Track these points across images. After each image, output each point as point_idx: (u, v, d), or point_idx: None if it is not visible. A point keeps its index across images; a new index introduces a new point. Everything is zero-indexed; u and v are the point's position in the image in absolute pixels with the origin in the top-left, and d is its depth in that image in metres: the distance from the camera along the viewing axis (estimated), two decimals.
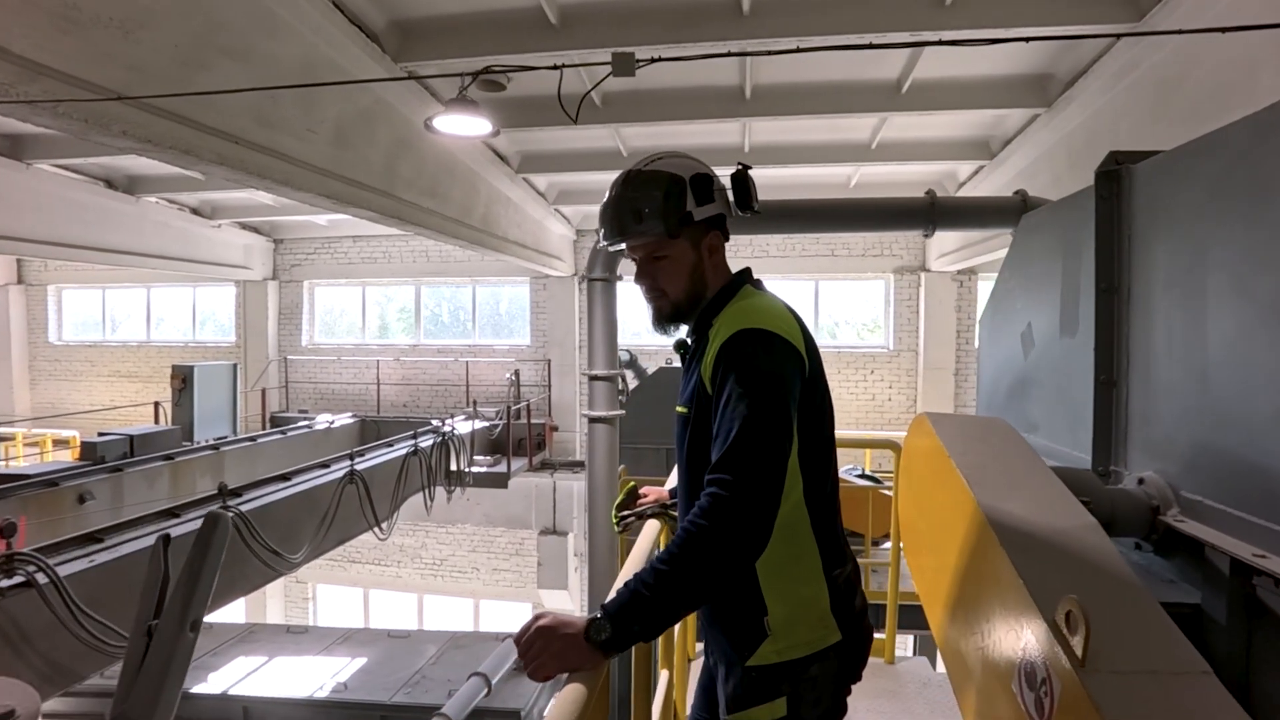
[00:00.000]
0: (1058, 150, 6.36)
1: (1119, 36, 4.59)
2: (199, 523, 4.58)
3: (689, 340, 1.56)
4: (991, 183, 8.07)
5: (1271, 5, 3.55)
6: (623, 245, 1.51)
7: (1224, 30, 3.33)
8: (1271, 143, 1.50)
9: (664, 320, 1.53)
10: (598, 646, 1.16)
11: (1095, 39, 4.89)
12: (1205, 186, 1.70)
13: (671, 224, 1.43)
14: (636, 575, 1.21)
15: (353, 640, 7.44)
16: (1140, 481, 1.88)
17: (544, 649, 1.17)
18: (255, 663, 6.68)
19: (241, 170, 4.35)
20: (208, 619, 5.71)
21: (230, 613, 6.67)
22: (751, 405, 1.25)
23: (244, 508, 5.03)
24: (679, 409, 1.49)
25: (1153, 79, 4.75)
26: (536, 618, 1.21)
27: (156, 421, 10.56)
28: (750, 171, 1.55)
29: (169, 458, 7.50)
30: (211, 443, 8.54)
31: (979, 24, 4.48)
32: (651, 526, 1.93)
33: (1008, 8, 4.52)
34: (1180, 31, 3.79)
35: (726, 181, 1.55)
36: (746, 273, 1.55)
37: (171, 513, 4.64)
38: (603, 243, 1.55)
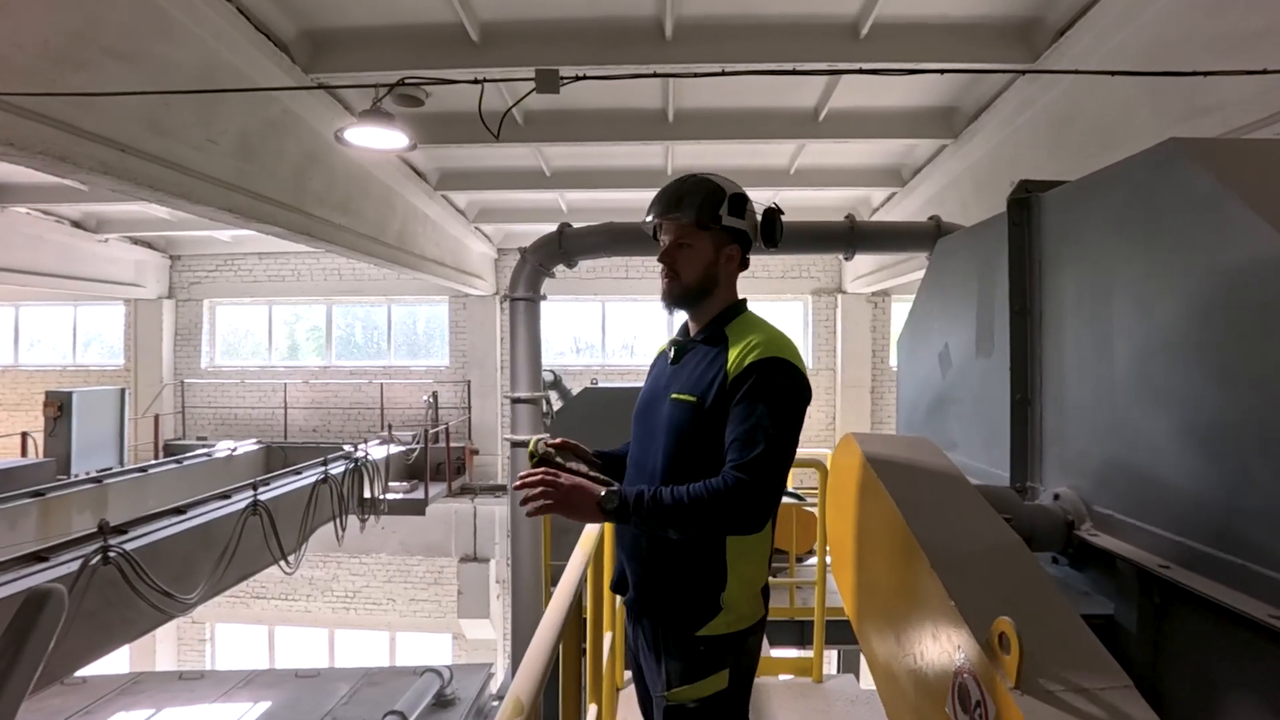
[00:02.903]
0: (964, 179, 6.73)
1: (1017, 74, 4.90)
2: (76, 564, 4.18)
3: (694, 339, 1.76)
4: (903, 208, 8.46)
5: (1144, 56, 3.88)
6: (658, 221, 1.75)
7: (1101, 74, 3.62)
8: (1163, 176, 1.60)
9: (670, 300, 1.75)
10: (602, 510, 1.52)
11: (996, 77, 5.22)
12: (1108, 215, 1.79)
13: (703, 217, 1.68)
14: (661, 487, 1.53)
15: (255, 683, 6.94)
16: (1056, 497, 1.94)
17: (562, 498, 1.52)
18: (138, 717, 6.10)
19: (130, 181, 4.01)
20: (80, 673, 5.17)
21: (110, 663, 6.07)
22: (780, 430, 1.53)
23: (130, 546, 4.60)
24: (681, 396, 1.65)
25: (1047, 115, 5.09)
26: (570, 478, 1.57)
27: (24, 454, 9.61)
28: (781, 215, 1.80)
29: (38, 494, 6.71)
30: (93, 475, 7.81)
31: (892, 57, 4.68)
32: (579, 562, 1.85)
33: (918, 43, 4.75)
34: (1067, 72, 4.09)
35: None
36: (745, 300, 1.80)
37: (38, 556, 4.16)
38: (646, 218, 1.78)
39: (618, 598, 2.71)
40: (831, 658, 6.66)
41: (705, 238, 1.70)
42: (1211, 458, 1.45)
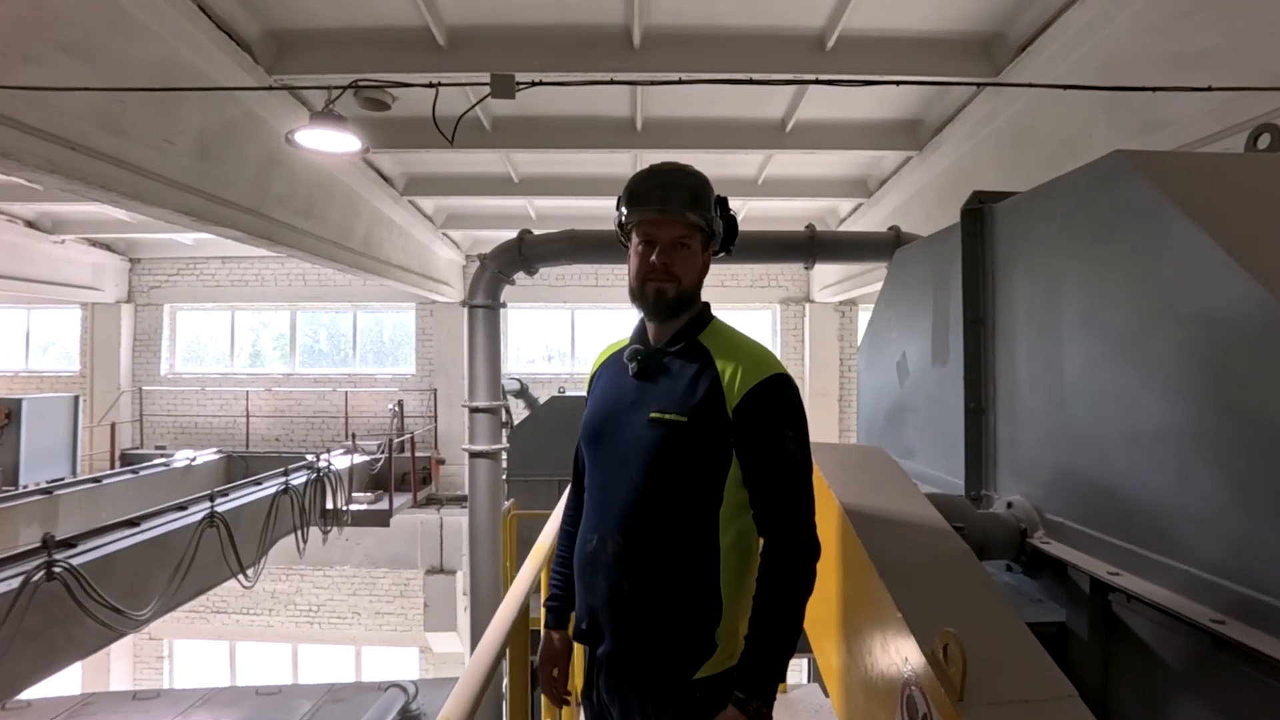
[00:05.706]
0: (929, 190, 6.83)
1: (978, 87, 4.99)
2: (17, 581, 4.01)
3: (663, 348, 1.57)
4: (870, 219, 8.56)
5: (1101, 71, 3.98)
6: (668, 216, 1.53)
7: (1054, 87, 3.69)
8: (1108, 188, 1.62)
9: (668, 303, 1.54)
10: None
11: (961, 90, 5.31)
12: (1056, 226, 1.81)
13: (712, 220, 1.56)
14: (760, 642, 1.36)
15: (214, 701, 6.74)
16: (1009, 505, 1.95)
17: None
18: None
19: (80, 180, 3.90)
20: (24, 695, 4.97)
21: (61, 683, 5.85)
22: (806, 458, 1.45)
23: (77, 560, 4.44)
24: (666, 416, 1.46)
25: (1009, 128, 5.19)
26: None
27: None
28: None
29: None
30: (42, 486, 7.55)
31: (856, 70, 4.74)
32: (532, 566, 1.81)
33: (883, 55, 4.82)
34: (1023, 85, 4.18)
35: None
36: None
37: None
38: (650, 208, 1.54)
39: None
40: (802, 666, 6.66)
41: (699, 239, 1.55)
42: (1155, 464, 1.46)
